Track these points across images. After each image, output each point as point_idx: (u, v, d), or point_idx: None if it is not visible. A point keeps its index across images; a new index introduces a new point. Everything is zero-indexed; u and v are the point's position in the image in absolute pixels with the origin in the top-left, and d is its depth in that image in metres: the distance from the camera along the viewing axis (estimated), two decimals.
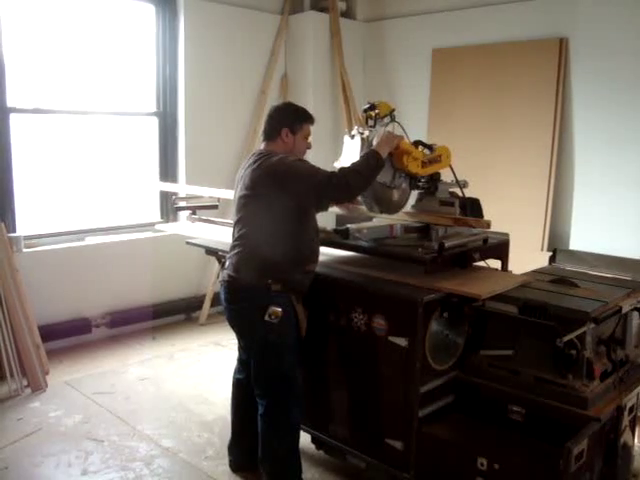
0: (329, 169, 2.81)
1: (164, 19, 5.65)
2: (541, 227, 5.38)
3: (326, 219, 3.28)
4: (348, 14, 6.67)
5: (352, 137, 3.07)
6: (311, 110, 6.42)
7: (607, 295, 2.79)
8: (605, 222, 5.11)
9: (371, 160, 2.81)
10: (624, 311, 2.75)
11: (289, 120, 2.98)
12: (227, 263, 2.98)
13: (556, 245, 5.14)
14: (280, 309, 2.80)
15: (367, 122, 3.03)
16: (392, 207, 3.11)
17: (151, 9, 5.61)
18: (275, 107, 3.09)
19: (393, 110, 3.00)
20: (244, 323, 2.97)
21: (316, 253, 2.98)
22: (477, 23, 5.84)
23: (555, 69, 5.38)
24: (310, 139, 3.07)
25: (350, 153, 3.02)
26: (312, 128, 3.04)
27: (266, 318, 2.79)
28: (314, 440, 3.37)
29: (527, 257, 4.51)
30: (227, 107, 6.02)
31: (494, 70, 5.74)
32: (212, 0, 5.80)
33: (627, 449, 2.79)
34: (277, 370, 2.92)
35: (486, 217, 3.19)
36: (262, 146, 3.04)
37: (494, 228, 3.33)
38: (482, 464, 2.59)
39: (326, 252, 3.27)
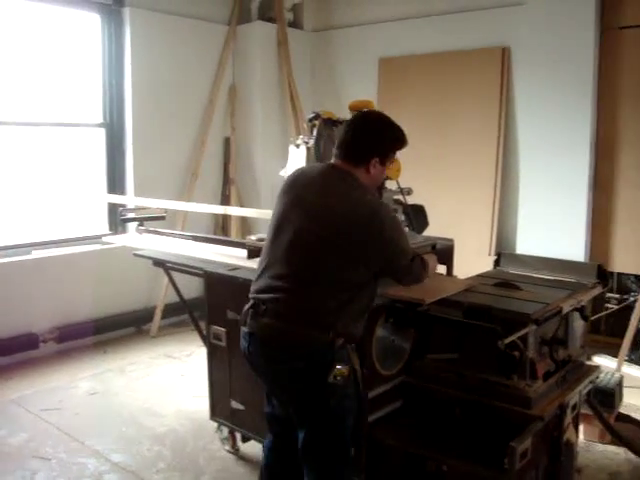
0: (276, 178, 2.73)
1: (109, 29, 5.60)
2: (488, 232, 5.49)
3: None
4: (295, 24, 6.71)
5: (297, 146, 3.09)
6: (259, 120, 6.52)
7: (548, 297, 2.85)
8: (549, 226, 5.24)
9: (427, 268, 2.64)
10: (565, 312, 2.81)
11: (384, 148, 2.46)
12: (264, 307, 2.36)
13: (503, 249, 5.26)
14: (347, 368, 2.32)
15: (312, 131, 3.06)
16: None
17: (96, 19, 5.55)
18: (369, 124, 2.49)
19: (336, 120, 3.04)
20: (299, 386, 2.37)
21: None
22: (423, 33, 5.95)
23: (498, 77, 5.54)
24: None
25: (295, 162, 3.04)
26: (261, 138, 2.81)
27: (330, 380, 2.29)
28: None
29: (475, 261, 4.60)
30: (175, 118, 5.99)
31: (440, 78, 5.86)
32: (158, 10, 5.77)
33: (570, 446, 2.85)
34: (336, 438, 2.41)
35: (433, 223, 3.25)
36: (338, 162, 2.47)
37: (441, 234, 3.39)
38: (431, 467, 2.62)
39: None
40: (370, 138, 2.45)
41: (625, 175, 5.13)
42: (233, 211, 5.58)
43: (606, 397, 3.56)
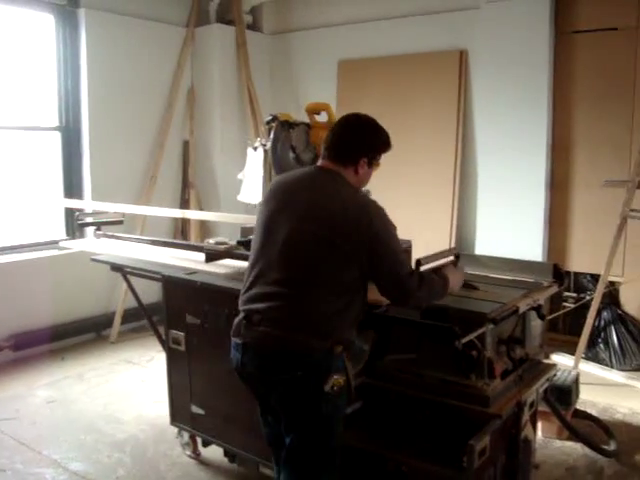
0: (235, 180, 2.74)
1: (64, 30, 5.50)
2: (447, 233, 5.54)
3: (230, 231, 3.27)
4: (254, 27, 6.70)
5: (255, 149, 3.09)
6: (218, 123, 6.48)
7: (505, 296, 2.88)
8: (508, 226, 5.32)
9: (442, 292, 2.53)
10: (521, 311, 2.84)
11: (371, 149, 2.45)
12: (259, 316, 2.30)
13: (462, 249, 5.31)
14: (343, 378, 2.29)
15: (269, 134, 3.05)
16: None
17: (50, 20, 5.45)
18: (358, 124, 2.48)
19: (293, 122, 3.04)
20: (294, 394, 2.31)
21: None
22: (381, 35, 6.00)
23: (456, 79, 5.61)
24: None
25: (253, 165, 3.04)
26: (220, 141, 2.80)
27: (327, 389, 2.24)
28: (227, 453, 3.35)
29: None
30: (133, 121, 5.93)
31: (399, 81, 5.91)
32: (115, 12, 5.70)
33: (528, 443, 2.88)
34: (324, 445, 2.36)
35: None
36: (325, 162, 2.45)
37: (400, 235, 3.40)
38: (390, 467, 2.63)
39: (230, 264, 3.26)
40: (360, 139, 2.44)
41: (580, 175, 5.24)
42: (191, 215, 5.55)
43: (563, 394, 3.62)
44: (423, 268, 2.58)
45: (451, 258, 2.84)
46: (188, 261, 3.41)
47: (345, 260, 2.28)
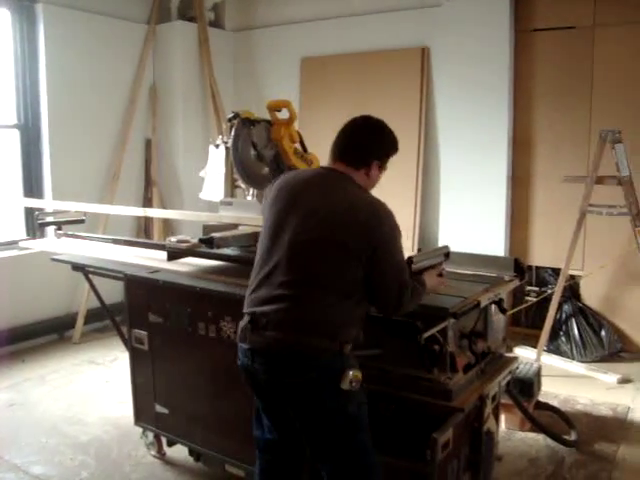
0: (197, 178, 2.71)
1: (21, 26, 5.39)
2: (411, 230, 5.58)
3: (193, 229, 3.24)
4: (217, 24, 6.67)
5: (217, 146, 3.08)
6: (180, 120, 6.43)
7: (466, 291, 2.90)
8: (470, 221, 5.37)
9: (421, 298, 2.48)
10: (482, 305, 2.86)
11: (384, 152, 2.45)
12: (264, 320, 2.23)
13: (426, 245, 5.36)
14: (360, 372, 2.23)
15: (231, 131, 3.05)
16: (257, 180, 3.14)
17: (6, 14, 5.33)
18: (372, 127, 2.45)
19: (255, 119, 3.04)
20: (312, 400, 2.25)
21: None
22: (344, 32, 6.01)
23: (418, 76, 5.65)
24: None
25: (215, 162, 3.03)
26: (182, 139, 2.76)
27: (345, 387, 2.19)
28: (191, 452, 3.33)
29: None
30: (95, 118, 5.86)
31: (362, 78, 5.93)
32: (74, 7, 5.61)
33: (490, 435, 2.92)
34: (359, 448, 2.32)
35: None
36: (336, 164, 2.41)
37: None
38: None
39: (192, 262, 3.25)
40: (374, 142, 2.42)
41: (541, 171, 5.32)
42: (152, 213, 5.49)
43: (525, 386, 3.69)
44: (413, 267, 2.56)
45: (438, 260, 2.83)
46: (150, 260, 3.38)
47: (351, 260, 2.23)
